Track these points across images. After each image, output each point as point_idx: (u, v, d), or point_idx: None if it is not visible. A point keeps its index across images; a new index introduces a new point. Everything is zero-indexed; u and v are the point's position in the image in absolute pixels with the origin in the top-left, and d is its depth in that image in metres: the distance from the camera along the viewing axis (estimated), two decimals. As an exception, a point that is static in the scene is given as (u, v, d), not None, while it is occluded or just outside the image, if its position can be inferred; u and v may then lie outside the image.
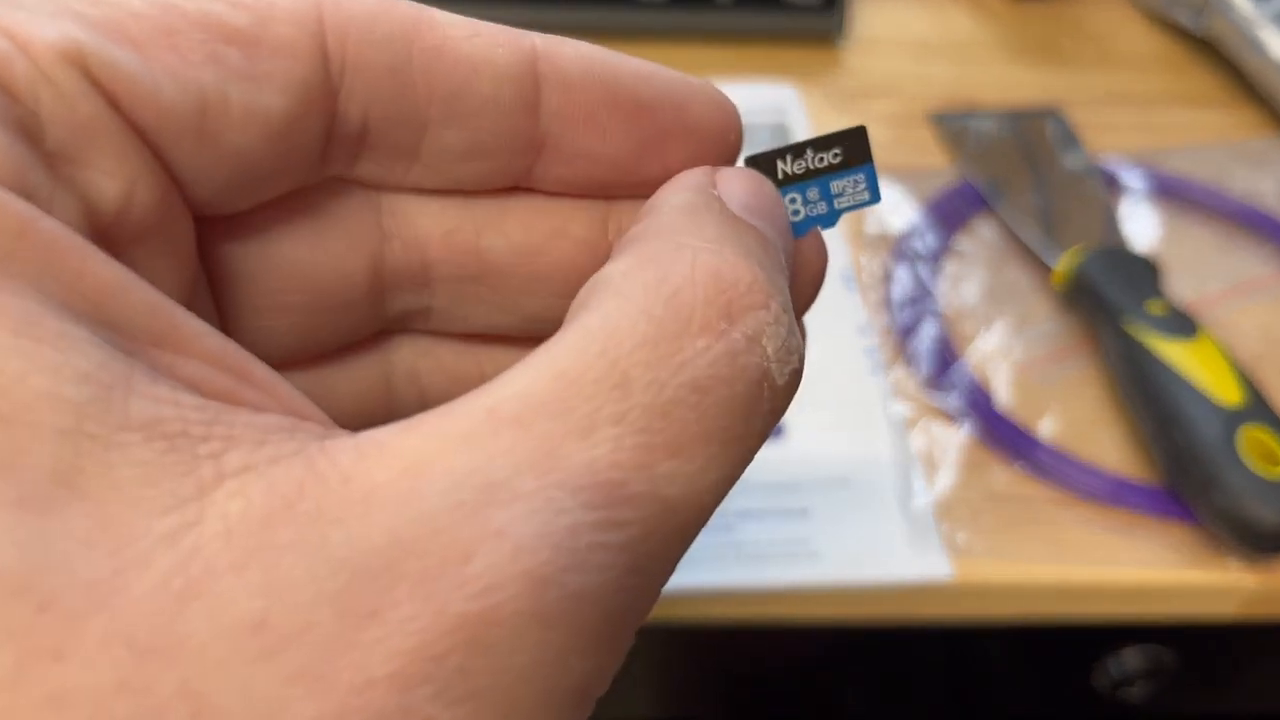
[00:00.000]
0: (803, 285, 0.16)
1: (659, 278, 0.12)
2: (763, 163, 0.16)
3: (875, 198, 0.17)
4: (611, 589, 0.11)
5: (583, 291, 0.13)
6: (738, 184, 0.15)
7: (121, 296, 0.11)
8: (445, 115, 0.14)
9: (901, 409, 0.37)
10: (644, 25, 0.51)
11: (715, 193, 0.15)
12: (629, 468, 0.11)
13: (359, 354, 0.16)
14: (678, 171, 0.15)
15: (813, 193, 0.17)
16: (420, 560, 0.10)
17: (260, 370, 0.11)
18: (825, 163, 0.16)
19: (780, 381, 0.13)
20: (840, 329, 0.39)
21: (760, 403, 0.12)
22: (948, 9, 0.55)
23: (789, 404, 0.13)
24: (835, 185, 0.17)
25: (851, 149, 0.16)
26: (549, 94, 0.14)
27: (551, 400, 0.11)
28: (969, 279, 0.42)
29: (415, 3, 0.14)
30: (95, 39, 0.11)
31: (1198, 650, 0.40)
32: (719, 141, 0.16)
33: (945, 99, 0.50)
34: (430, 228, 0.16)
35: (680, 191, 0.15)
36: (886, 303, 0.41)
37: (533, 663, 0.10)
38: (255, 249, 0.15)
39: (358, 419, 0.16)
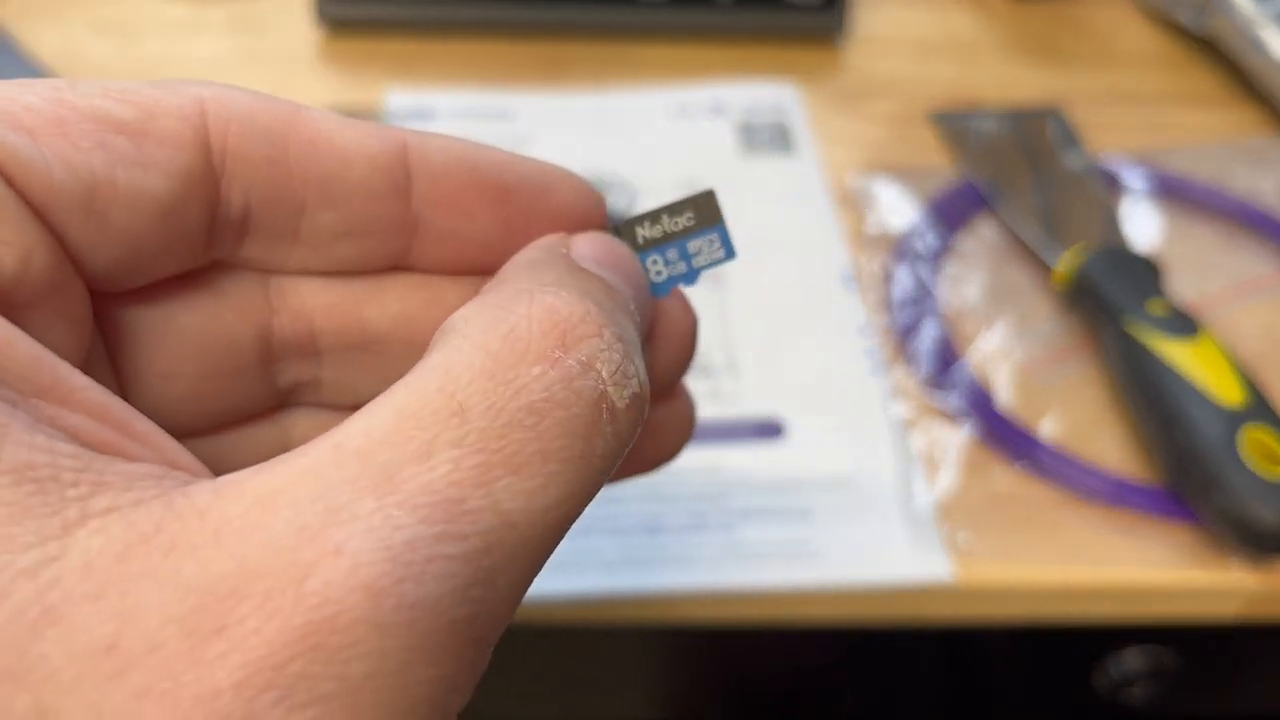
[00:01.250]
0: (671, 339, 0.18)
1: (497, 317, 0.13)
2: (624, 229, 0.18)
3: (730, 255, 0.18)
4: (454, 599, 0.11)
5: (434, 337, 0.14)
6: (588, 243, 0.16)
7: (8, 350, 0.11)
8: (321, 199, 0.15)
9: (902, 409, 0.37)
10: (644, 25, 0.51)
11: (564, 250, 0.16)
12: (467, 485, 0.12)
13: (256, 425, 0.17)
14: None
15: (672, 254, 0.18)
16: (265, 580, 0.10)
17: (141, 424, 0.12)
18: (680, 226, 0.18)
19: (620, 404, 0.13)
20: (840, 329, 0.39)
21: (600, 424, 0.13)
22: (948, 8, 0.55)
23: (636, 428, 0.14)
24: (692, 246, 0.18)
25: (703, 212, 0.18)
26: (419, 180, 0.16)
27: (393, 432, 0.12)
28: (969, 279, 0.42)
29: (290, 101, 0.15)
30: None
31: (1199, 651, 0.40)
32: (582, 222, 0.17)
33: (946, 99, 0.49)
34: (315, 300, 0.17)
35: (530, 250, 0.16)
36: (887, 303, 0.40)
37: (374, 670, 0.11)
38: (149, 321, 0.16)
39: None
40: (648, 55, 0.51)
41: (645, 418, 0.14)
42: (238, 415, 0.17)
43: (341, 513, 0.11)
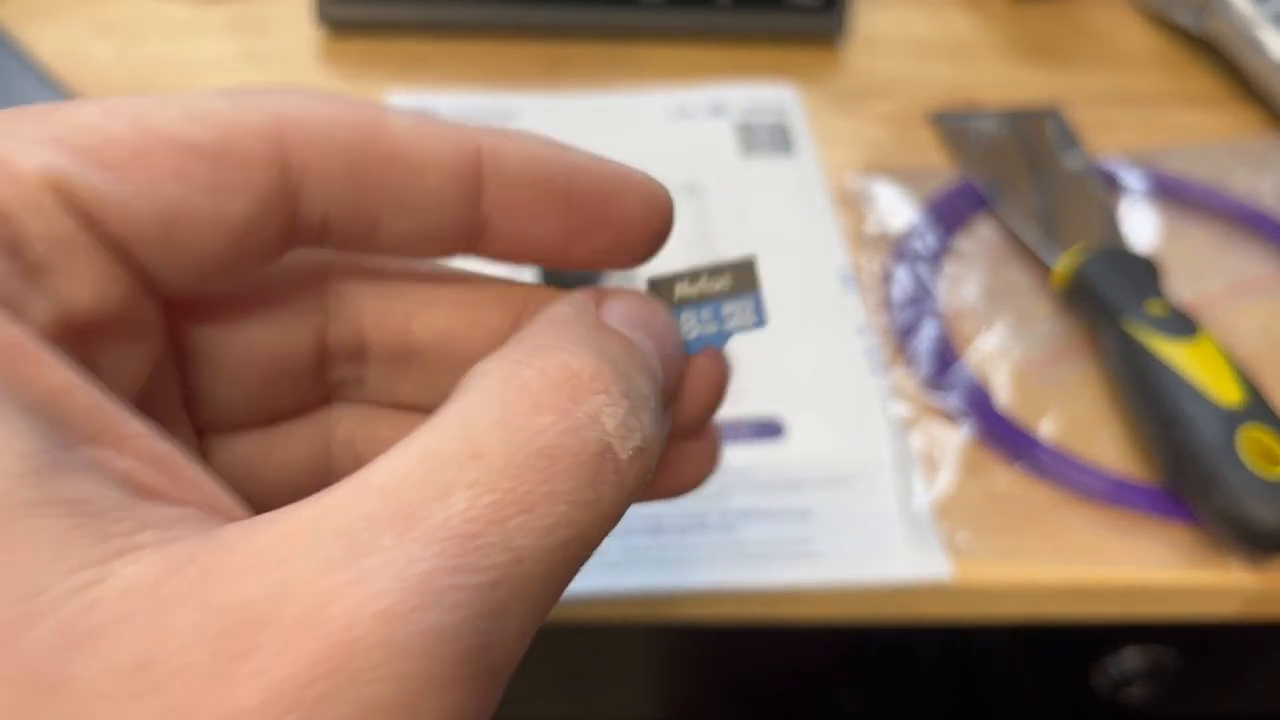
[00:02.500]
0: (699, 390, 0.19)
1: (515, 371, 0.14)
2: (663, 284, 0.18)
3: (761, 323, 0.19)
4: (465, 629, 0.12)
5: (459, 385, 0.15)
6: (621, 303, 0.18)
7: (67, 398, 0.12)
8: (396, 209, 0.16)
9: (901, 409, 0.37)
10: (644, 25, 0.51)
11: (593, 308, 0.17)
12: (482, 522, 0.13)
13: (305, 418, 0.19)
14: (603, 254, 0.18)
15: (705, 314, 0.19)
16: (290, 607, 0.11)
17: (189, 470, 0.13)
18: (717, 288, 0.18)
19: (624, 455, 0.14)
20: (840, 329, 0.39)
21: (606, 472, 0.14)
22: (948, 9, 0.55)
23: (642, 477, 0.15)
24: (726, 308, 0.19)
25: (740, 277, 0.19)
26: (490, 188, 0.17)
27: (414, 472, 0.13)
28: (969, 279, 0.42)
29: (370, 106, 0.16)
30: (74, 164, 0.13)
31: (1198, 650, 0.40)
32: (642, 231, 0.18)
33: (945, 99, 0.50)
34: (368, 311, 0.18)
35: (562, 305, 0.17)
36: (886, 303, 0.41)
37: (391, 693, 0.11)
38: (219, 329, 0.17)
39: (301, 481, 0.19)
40: (647, 56, 0.51)
41: (652, 468, 0.15)
42: (288, 411, 0.18)
43: (364, 546, 0.12)
